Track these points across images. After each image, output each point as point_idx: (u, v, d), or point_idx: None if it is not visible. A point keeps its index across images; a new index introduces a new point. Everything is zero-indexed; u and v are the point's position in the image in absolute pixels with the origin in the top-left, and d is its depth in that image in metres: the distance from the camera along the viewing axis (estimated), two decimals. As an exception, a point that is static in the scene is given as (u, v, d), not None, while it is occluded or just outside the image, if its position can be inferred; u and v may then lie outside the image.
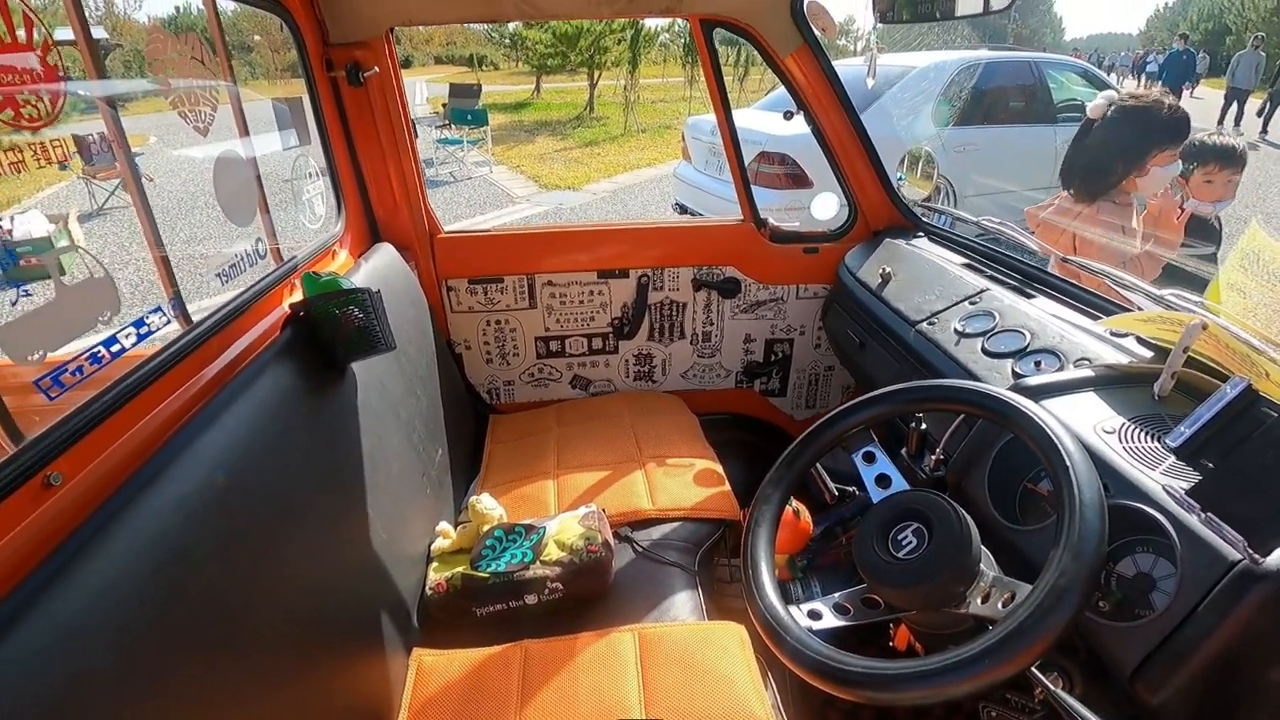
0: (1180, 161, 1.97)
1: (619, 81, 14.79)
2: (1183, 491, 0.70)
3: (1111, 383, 0.99)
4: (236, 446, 0.88)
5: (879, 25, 1.10)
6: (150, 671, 0.68)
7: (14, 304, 0.74)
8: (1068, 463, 0.70)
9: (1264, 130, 12.88)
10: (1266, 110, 12.92)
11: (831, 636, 0.80)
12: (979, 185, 5.81)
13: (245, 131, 1.21)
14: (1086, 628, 0.79)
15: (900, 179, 2.19)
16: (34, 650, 0.59)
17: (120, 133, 0.96)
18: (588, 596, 1.29)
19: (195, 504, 0.79)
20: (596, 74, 15.22)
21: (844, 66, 2.07)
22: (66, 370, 0.76)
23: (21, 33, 0.72)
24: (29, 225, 7.77)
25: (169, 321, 0.95)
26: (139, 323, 0.88)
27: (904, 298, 1.53)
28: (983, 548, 0.80)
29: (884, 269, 1.64)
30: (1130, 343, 1.12)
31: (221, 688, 0.77)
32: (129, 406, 0.83)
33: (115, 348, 0.82)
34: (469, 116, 9.65)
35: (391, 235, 1.77)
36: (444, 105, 10.43)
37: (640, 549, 1.41)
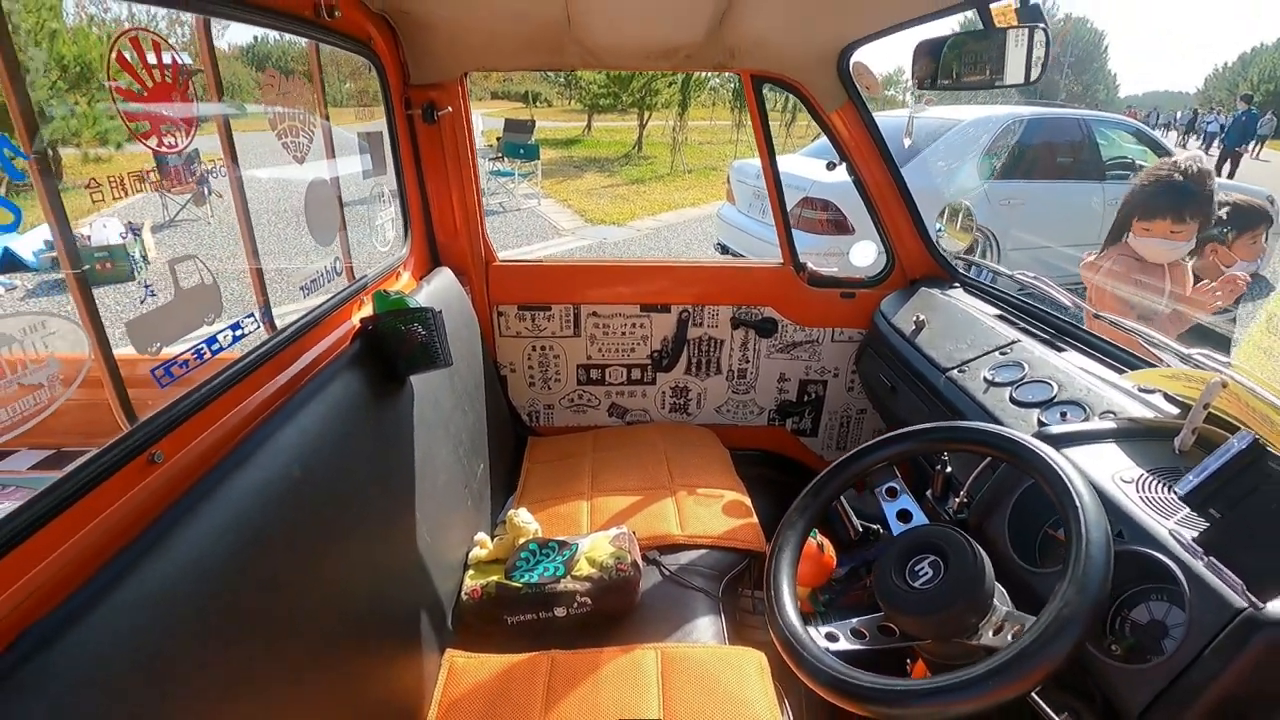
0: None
1: (668, 122, 15.14)
2: (1190, 539, 0.74)
3: (1134, 435, 1.02)
4: (308, 444, 0.97)
5: (917, 90, 1.18)
6: (221, 641, 0.76)
7: (142, 301, 0.84)
8: (1077, 503, 0.74)
9: None
10: None
11: (847, 659, 0.84)
12: (1016, 239, 5.81)
13: (333, 157, 1.34)
14: (1100, 671, 0.81)
15: (940, 230, 2.25)
16: (131, 604, 0.67)
17: (233, 155, 1.08)
18: (615, 613, 1.34)
19: (271, 492, 0.88)
20: (646, 114, 15.62)
21: (890, 117, 2.16)
22: (176, 363, 0.86)
23: (168, 75, 0.84)
24: (106, 233, 8.13)
25: (258, 327, 1.06)
26: (235, 326, 0.99)
27: (936, 345, 1.57)
28: (997, 584, 0.83)
29: (918, 316, 1.69)
30: (1157, 399, 1.15)
31: (278, 664, 0.85)
32: (221, 399, 0.93)
33: (215, 346, 0.93)
34: (521, 150, 10.02)
35: (450, 260, 1.89)
36: (498, 139, 10.83)
37: (667, 572, 1.46)
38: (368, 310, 1.29)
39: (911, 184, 1.89)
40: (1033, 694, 0.84)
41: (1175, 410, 1.08)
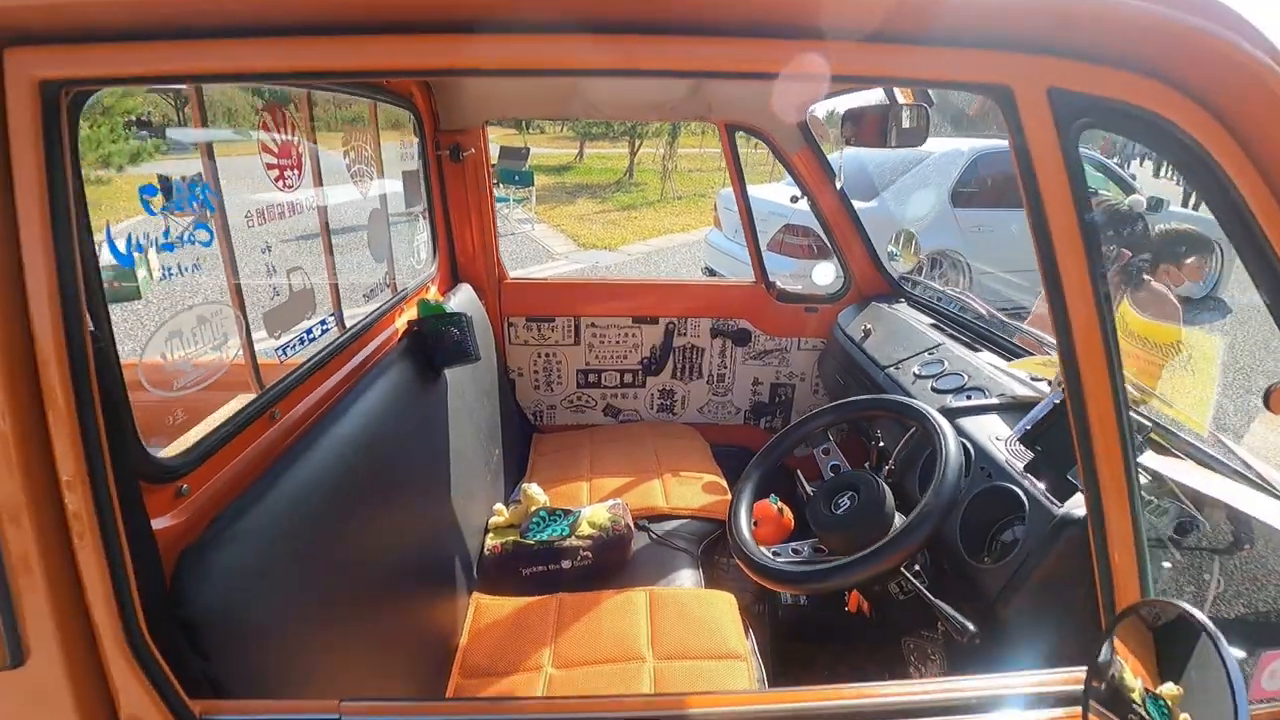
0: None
1: (658, 150, 15.56)
2: (1021, 467, 1.04)
3: (1012, 408, 1.33)
4: (371, 414, 1.26)
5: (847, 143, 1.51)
6: (314, 561, 1.01)
7: (271, 299, 1.12)
8: (942, 444, 1.05)
9: None
10: None
11: (788, 568, 1.13)
12: (984, 264, 6.20)
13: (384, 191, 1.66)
14: (974, 575, 1.11)
15: (894, 254, 2.58)
16: (258, 528, 0.93)
17: (321, 187, 1.38)
18: (612, 566, 1.62)
19: (348, 449, 1.16)
20: (638, 142, 16.07)
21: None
22: (289, 345, 1.15)
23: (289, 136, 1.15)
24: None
25: (333, 326, 1.36)
26: (323, 322, 1.28)
27: (879, 349, 1.88)
28: (896, 511, 1.13)
29: (866, 325, 2.00)
30: (1044, 386, 1.46)
31: (350, 595, 1.11)
32: (314, 376, 1.22)
33: (310, 336, 1.22)
34: (516, 177, 10.38)
35: (468, 277, 2.19)
36: (493, 165, 11.18)
37: (655, 536, 1.74)
38: (407, 316, 1.58)
39: (887, 210, 2.22)
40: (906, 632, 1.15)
41: (1047, 388, 1.39)
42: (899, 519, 1.13)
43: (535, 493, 1.74)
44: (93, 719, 0.67)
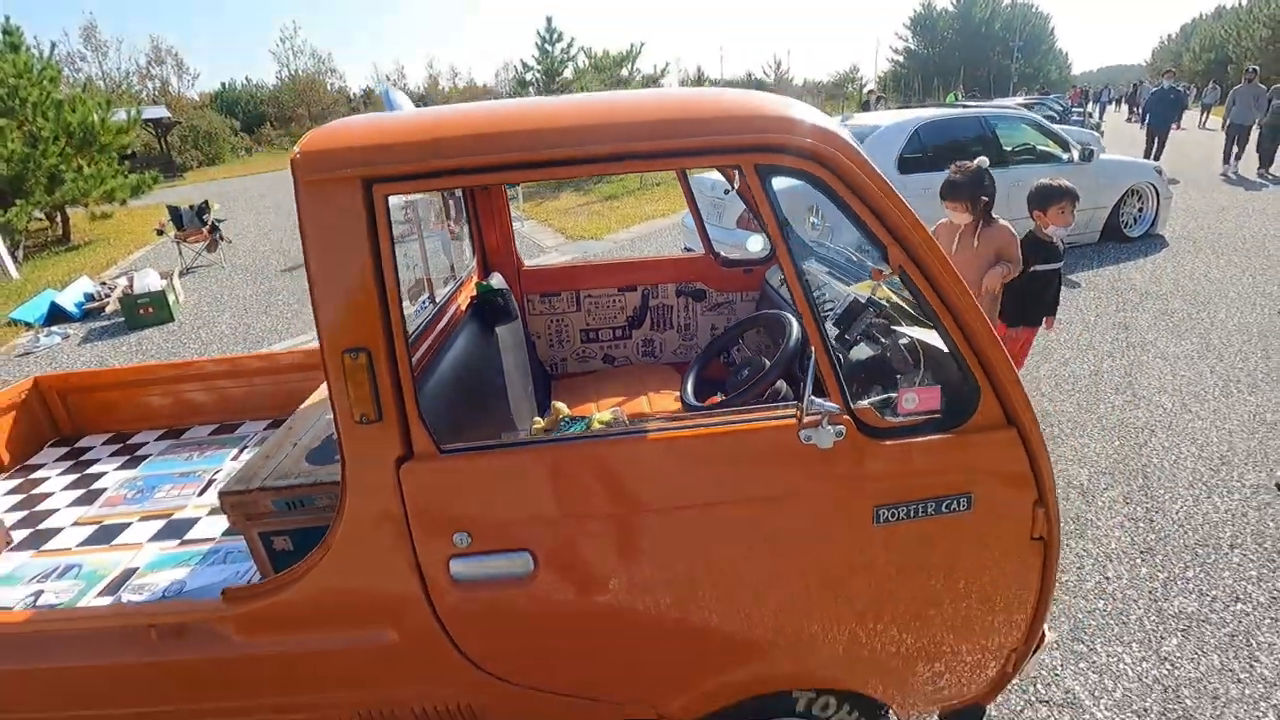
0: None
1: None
2: (834, 338, 1.87)
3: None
4: (460, 351, 2.09)
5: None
6: (445, 425, 1.85)
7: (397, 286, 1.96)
8: (789, 331, 1.88)
9: (1263, 165, 12.67)
10: (1263, 145, 12.62)
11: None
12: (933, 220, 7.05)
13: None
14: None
15: (816, 224, 3.40)
16: (429, 404, 1.76)
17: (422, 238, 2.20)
18: (616, 446, 2.46)
19: (448, 373, 1.98)
20: (614, 134, 16.70)
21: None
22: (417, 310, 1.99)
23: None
24: (147, 280, 9.26)
25: (431, 304, 2.20)
26: (429, 298, 2.12)
27: (787, 290, 2.71)
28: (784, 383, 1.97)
29: (780, 277, 2.83)
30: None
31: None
32: (426, 331, 2.05)
33: (424, 304, 2.06)
34: (504, 179, 11.12)
35: (495, 266, 3.01)
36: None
37: (644, 429, 2.58)
38: (467, 293, 2.41)
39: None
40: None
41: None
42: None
43: (561, 407, 2.58)
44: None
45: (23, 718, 1.56)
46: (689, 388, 2.03)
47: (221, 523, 2.24)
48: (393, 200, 1.31)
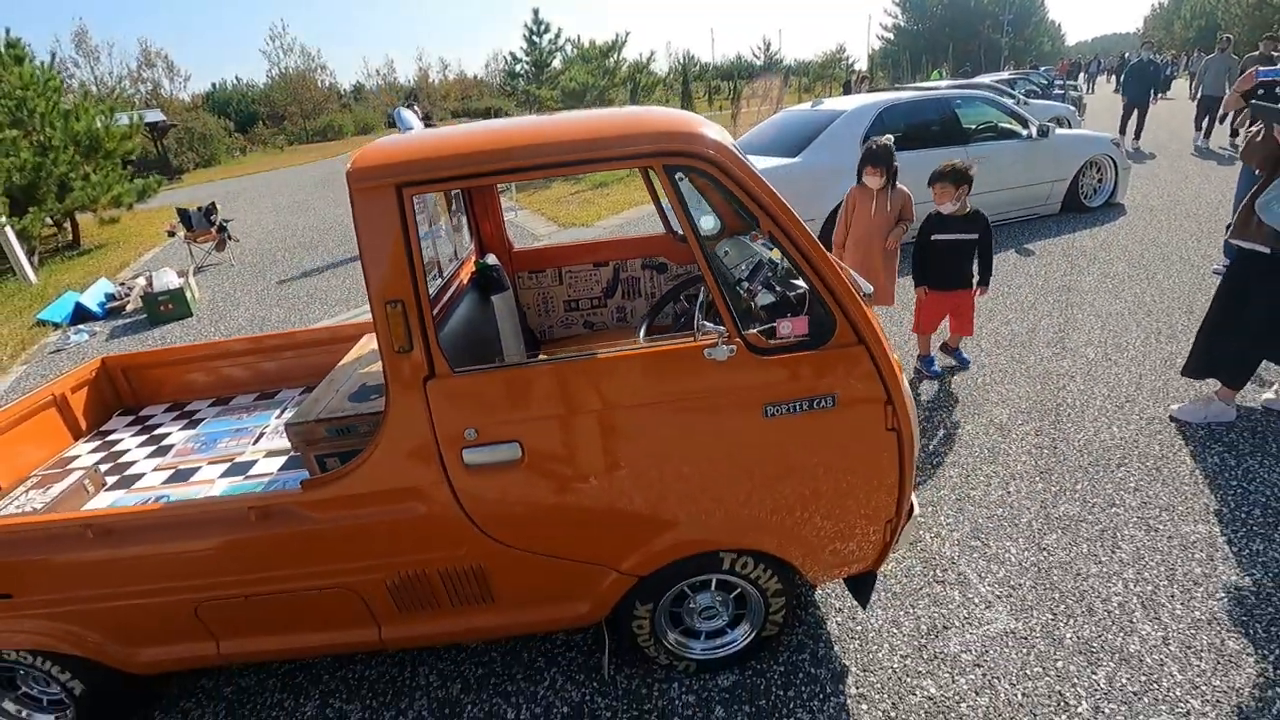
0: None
1: (623, 129, 16.70)
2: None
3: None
4: (461, 317, 2.65)
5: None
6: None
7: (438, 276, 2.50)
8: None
9: (1234, 136, 11.98)
10: (1236, 118, 12.18)
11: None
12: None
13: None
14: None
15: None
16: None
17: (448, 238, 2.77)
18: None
19: (457, 329, 2.56)
20: (603, 124, 17.19)
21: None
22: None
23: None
24: (166, 279, 9.92)
25: (440, 278, 2.76)
26: (440, 272, 2.69)
27: (731, 259, 3.27)
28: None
29: (726, 250, 3.39)
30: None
31: None
32: (439, 296, 2.61)
33: (438, 280, 2.63)
34: (497, 171, 11.64)
35: (490, 248, 3.57)
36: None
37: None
38: (468, 269, 2.98)
39: (809, 164, 3.66)
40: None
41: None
42: None
43: (547, 360, 3.16)
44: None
45: (158, 587, 2.15)
46: (640, 333, 2.61)
47: (277, 463, 2.82)
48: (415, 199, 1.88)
